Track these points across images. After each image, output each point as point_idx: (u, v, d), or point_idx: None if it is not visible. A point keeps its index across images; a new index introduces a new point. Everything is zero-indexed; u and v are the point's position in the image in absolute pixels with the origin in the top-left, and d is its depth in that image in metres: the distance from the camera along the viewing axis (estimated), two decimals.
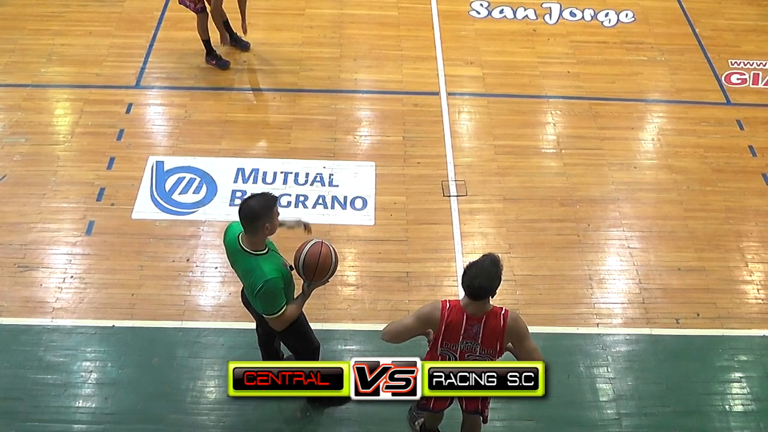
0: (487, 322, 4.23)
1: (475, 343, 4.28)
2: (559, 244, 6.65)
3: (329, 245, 4.60)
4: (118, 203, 6.79)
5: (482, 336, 4.25)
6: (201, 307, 6.10)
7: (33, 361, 5.67)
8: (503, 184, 7.12)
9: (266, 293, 4.37)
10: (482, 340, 4.26)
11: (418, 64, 8.42)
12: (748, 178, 7.31)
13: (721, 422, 5.54)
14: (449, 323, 4.25)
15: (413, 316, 4.35)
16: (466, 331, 4.25)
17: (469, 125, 7.81)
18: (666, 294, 6.33)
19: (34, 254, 6.37)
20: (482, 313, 4.23)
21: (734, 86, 8.32)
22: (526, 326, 4.31)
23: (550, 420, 5.33)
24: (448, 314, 4.24)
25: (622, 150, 7.56)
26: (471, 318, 4.23)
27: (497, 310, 4.25)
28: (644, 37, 8.92)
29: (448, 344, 4.33)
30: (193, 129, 7.54)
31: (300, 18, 8.92)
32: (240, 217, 4.35)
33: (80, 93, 7.87)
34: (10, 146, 7.26)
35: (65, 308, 6.01)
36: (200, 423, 5.38)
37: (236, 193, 6.93)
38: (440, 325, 4.26)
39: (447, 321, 4.25)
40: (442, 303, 4.29)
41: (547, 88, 8.21)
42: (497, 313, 4.24)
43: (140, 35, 8.56)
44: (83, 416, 5.39)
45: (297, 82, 8.03)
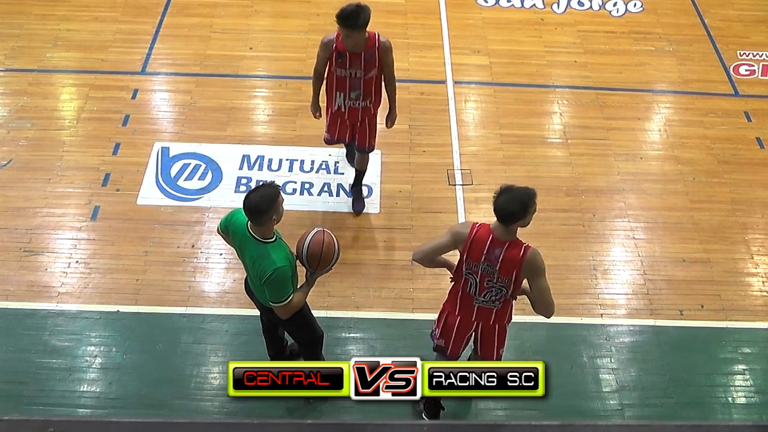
0: (509, 249, 4.39)
1: (494, 268, 4.43)
2: (564, 234, 6.64)
3: (331, 234, 4.62)
4: (124, 189, 6.80)
5: (501, 261, 4.40)
6: (205, 293, 6.11)
7: (38, 345, 5.69)
8: (509, 173, 7.10)
9: (275, 281, 4.37)
10: (501, 266, 4.42)
11: (424, 52, 8.39)
12: (755, 170, 7.28)
13: (724, 414, 5.54)
14: (475, 239, 4.42)
15: (446, 233, 4.56)
16: (489, 251, 4.41)
17: (475, 114, 7.79)
18: (670, 285, 6.32)
19: (39, 239, 6.39)
20: (507, 239, 4.39)
21: (742, 77, 8.27)
22: (545, 265, 4.47)
23: (553, 410, 5.33)
24: (477, 231, 4.44)
25: (629, 140, 7.54)
26: (495, 240, 4.40)
27: (520, 243, 4.43)
28: (652, 27, 8.87)
29: (471, 263, 4.48)
30: (199, 115, 7.53)
31: (306, 5, 8.89)
32: (245, 212, 4.34)
33: (86, 78, 7.86)
34: (16, 131, 7.27)
35: (70, 293, 6.03)
36: (204, 408, 5.40)
37: (241, 179, 6.93)
38: (467, 240, 4.44)
39: (474, 237, 4.43)
40: (473, 222, 4.51)
41: (554, 78, 8.17)
42: (520, 244, 4.42)
43: (146, 21, 8.54)
44: (87, 401, 5.42)
45: (303, 70, 8.00)
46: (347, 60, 5.79)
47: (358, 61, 5.80)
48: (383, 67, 5.93)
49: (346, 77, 5.88)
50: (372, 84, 5.96)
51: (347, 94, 5.98)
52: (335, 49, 5.78)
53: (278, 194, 4.38)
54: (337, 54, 5.79)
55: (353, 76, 5.87)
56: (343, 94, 5.99)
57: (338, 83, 5.94)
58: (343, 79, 5.89)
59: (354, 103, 6.04)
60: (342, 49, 5.75)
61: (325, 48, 5.84)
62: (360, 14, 5.48)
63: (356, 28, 5.53)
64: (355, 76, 5.87)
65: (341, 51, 5.76)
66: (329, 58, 5.86)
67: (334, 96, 6.06)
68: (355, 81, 5.90)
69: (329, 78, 6.01)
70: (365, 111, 6.10)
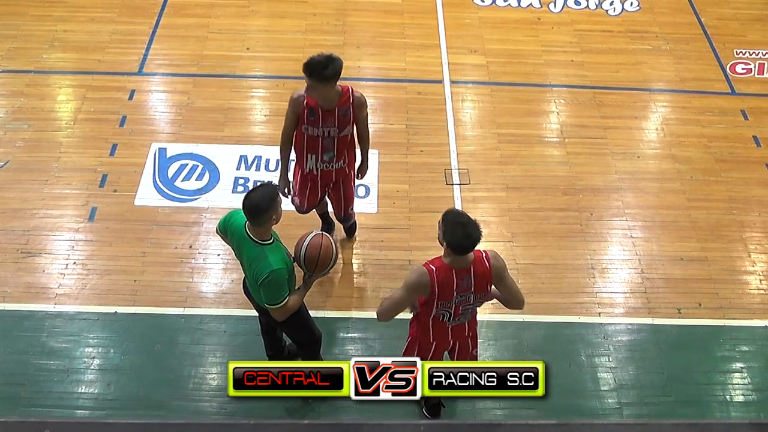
0: (476, 270, 4.30)
1: (469, 293, 4.35)
2: (562, 233, 6.64)
3: (330, 237, 4.62)
4: (121, 190, 6.79)
5: (474, 284, 4.32)
6: (203, 293, 6.10)
7: (36, 346, 5.68)
8: (506, 172, 7.11)
9: (271, 283, 4.37)
10: (475, 288, 4.33)
11: (421, 52, 8.39)
12: (752, 169, 7.29)
13: (721, 412, 5.55)
14: (440, 283, 4.28)
15: (402, 289, 4.36)
16: (459, 285, 4.30)
17: (472, 113, 7.79)
18: (668, 284, 6.32)
19: (36, 240, 6.38)
20: (468, 263, 4.28)
21: (739, 76, 8.28)
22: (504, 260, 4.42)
23: (551, 409, 5.33)
24: (438, 276, 4.27)
25: (626, 139, 7.54)
26: (460, 272, 4.27)
27: (479, 255, 4.32)
28: (649, 26, 8.88)
29: (444, 303, 4.38)
30: (196, 116, 7.53)
31: (303, 5, 8.88)
32: (245, 211, 4.34)
33: (83, 79, 7.85)
34: (12, 132, 7.26)
35: (68, 294, 6.02)
36: (202, 409, 5.40)
37: (239, 180, 6.92)
38: (432, 288, 4.29)
39: (438, 281, 4.27)
40: (426, 267, 4.31)
41: (551, 77, 8.18)
42: (480, 257, 4.32)
43: (143, 21, 8.53)
44: (86, 402, 5.41)
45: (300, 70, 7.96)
46: (319, 117, 5.22)
47: (332, 119, 5.24)
48: (358, 124, 5.40)
49: (318, 137, 5.31)
50: (346, 143, 5.44)
51: (319, 156, 5.43)
52: (306, 105, 5.20)
53: (278, 194, 4.38)
54: (308, 110, 5.20)
55: (326, 135, 5.31)
56: (314, 156, 5.43)
57: (309, 143, 5.36)
58: (314, 139, 5.32)
59: (327, 165, 5.49)
60: (314, 105, 5.18)
61: (294, 104, 5.25)
62: (328, 65, 4.97)
63: (323, 80, 5.00)
64: (328, 135, 5.31)
65: (313, 107, 5.19)
66: (299, 115, 5.26)
67: (305, 158, 5.47)
68: (328, 141, 5.35)
69: (299, 138, 5.40)
70: (340, 172, 5.60)
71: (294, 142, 5.46)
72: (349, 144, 5.49)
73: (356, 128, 5.46)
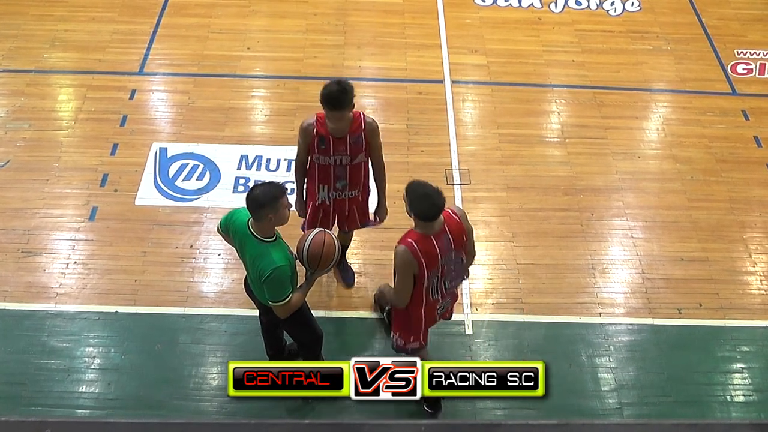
0: (450, 227, 4.45)
1: (450, 252, 4.47)
2: (563, 233, 6.64)
3: (332, 234, 4.63)
4: (122, 189, 6.79)
5: (453, 240, 4.46)
6: (204, 293, 6.10)
7: (36, 346, 5.68)
8: (507, 172, 7.10)
9: (274, 280, 4.38)
10: (454, 244, 4.47)
11: (422, 51, 8.38)
12: (753, 169, 7.29)
13: (722, 412, 5.54)
14: (424, 253, 4.40)
15: (400, 274, 4.49)
16: (440, 249, 4.43)
17: (473, 113, 7.79)
18: (669, 284, 6.32)
19: (37, 240, 6.38)
20: (441, 224, 4.44)
21: (740, 76, 8.28)
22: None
23: (551, 409, 5.33)
24: (420, 249, 4.39)
25: (626, 139, 7.54)
26: (437, 235, 4.42)
27: (446, 213, 4.46)
28: (650, 26, 8.88)
29: (434, 271, 4.49)
30: (197, 115, 7.53)
31: (304, 5, 8.88)
32: (247, 203, 4.37)
33: (83, 79, 7.85)
34: (13, 132, 7.26)
35: (68, 294, 6.02)
36: (203, 409, 5.40)
37: (239, 180, 6.92)
38: (419, 259, 4.40)
39: (422, 252, 4.39)
40: (406, 245, 4.42)
41: (552, 77, 8.18)
42: (448, 214, 4.48)
43: (144, 21, 8.53)
44: (86, 401, 5.41)
45: (301, 70, 8.01)
46: (331, 146, 5.06)
47: (343, 146, 5.07)
48: (371, 151, 5.22)
49: (330, 165, 5.14)
50: (360, 171, 5.26)
51: (332, 185, 5.25)
52: (316, 134, 5.04)
53: (282, 194, 4.38)
54: (318, 139, 5.04)
55: (338, 164, 5.14)
56: (326, 186, 5.26)
57: (321, 173, 5.19)
58: (326, 168, 5.15)
59: (340, 194, 5.32)
60: (324, 134, 5.03)
61: (304, 134, 5.09)
62: (348, 93, 4.84)
63: (345, 108, 4.88)
64: (340, 163, 5.13)
65: (323, 135, 5.03)
66: (309, 144, 5.11)
67: (316, 189, 5.29)
68: (340, 170, 5.17)
69: (310, 169, 5.25)
70: (353, 201, 5.43)
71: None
72: (364, 172, 5.33)
73: (371, 159, 5.30)
